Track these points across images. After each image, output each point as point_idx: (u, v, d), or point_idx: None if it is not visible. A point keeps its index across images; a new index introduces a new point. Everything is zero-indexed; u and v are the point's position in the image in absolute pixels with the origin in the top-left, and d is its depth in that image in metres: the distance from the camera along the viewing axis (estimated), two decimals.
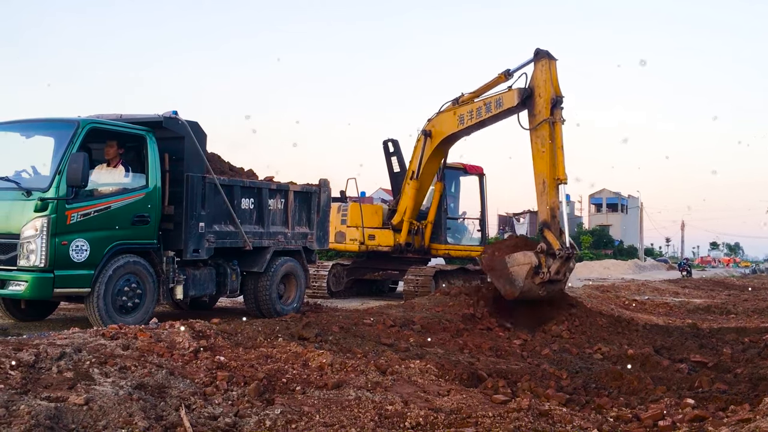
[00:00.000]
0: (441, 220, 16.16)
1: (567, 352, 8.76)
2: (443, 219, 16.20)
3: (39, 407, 4.13)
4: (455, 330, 9.46)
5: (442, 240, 16.22)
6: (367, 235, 15.98)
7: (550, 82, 11.40)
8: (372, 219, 16.22)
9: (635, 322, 11.75)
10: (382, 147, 16.52)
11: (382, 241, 15.92)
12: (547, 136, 11.26)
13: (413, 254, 16.17)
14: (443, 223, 16.19)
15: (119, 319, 8.41)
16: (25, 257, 8.09)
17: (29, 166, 8.84)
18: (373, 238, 15.94)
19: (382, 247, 15.92)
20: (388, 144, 16.43)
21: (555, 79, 11.45)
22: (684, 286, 26.26)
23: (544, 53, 11.58)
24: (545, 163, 11.25)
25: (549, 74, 11.44)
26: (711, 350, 9.26)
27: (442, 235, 16.19)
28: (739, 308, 16.86)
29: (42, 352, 5.19)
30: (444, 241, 16.26)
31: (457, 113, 13.43)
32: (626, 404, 5.99)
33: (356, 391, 5.42)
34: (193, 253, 9.65)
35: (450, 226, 16.54)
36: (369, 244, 15.97)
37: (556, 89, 11.41)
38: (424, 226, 15.99)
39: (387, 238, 15.89)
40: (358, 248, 16.04)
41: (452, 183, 16.95)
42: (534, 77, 11.66)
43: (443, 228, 16.18)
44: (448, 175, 16.40)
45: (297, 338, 7.35)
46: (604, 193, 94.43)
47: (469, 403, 5.41)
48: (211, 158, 10.70)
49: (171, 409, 4.67)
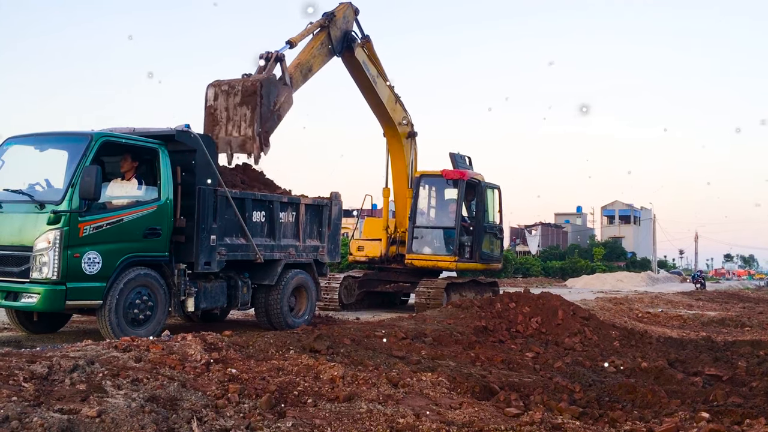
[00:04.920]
0: (410, 229, 15.81)
1: (580, 365, 8.70)
2: (410, 227, 15.81)
3: (52, 419, 4.14)
4: (467, 342, 9.42)
5: (408, 249, 15.76)
6: (356, 246, 16.18)
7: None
8: (379, 232, 16.40)
9: (649, 335, 11.67)
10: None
11: (369, 252, 16.00)
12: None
13: (396, 264, 16.11)
14: (410, 232, 15.80)
15: (131, 332, 8.42)
16: (38, 270, 8.13)
17: (42, 179, 8.92)
18: (362, 249, 16.04)
19: (369, 258, 16.17)
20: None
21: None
22: (698, 298, 26.10)
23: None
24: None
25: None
26: (726, 363, 9.16)
27: (409, 244, 15.77)
28: (754, 321, 16.71)
29: (55, 365, 5.21)
30: (409, 250, 15.74)
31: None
32: (640, 418, 5.93)
33: (368, 404, 5.40)
34: (205, 265, 9.67)
35: (418, 235, 15.85)
36: (357, 255, 16.13)
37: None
38: (401, 235, 15.98)
39: (374, 249, 15.98)
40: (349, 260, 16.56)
41: (432, 191, 16.63)
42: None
43: (410, 237, 15.81)
44: (425, 182, 16.24)
45: (308, 351, 7.33)
46: (616, 205, 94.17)
47: (482, 416, 5.38)
48: (244, 168, 11.09)
49: (183, 422, 4.67)
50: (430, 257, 15.81)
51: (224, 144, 10.75)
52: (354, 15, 13.69)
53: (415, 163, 16.26)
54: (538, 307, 11.40)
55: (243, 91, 10.77)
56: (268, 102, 10.84)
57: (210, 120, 10.91)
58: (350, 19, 13.59)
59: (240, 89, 10.80)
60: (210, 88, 11.02)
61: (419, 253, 15.75)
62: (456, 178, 15.82)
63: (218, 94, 10.92)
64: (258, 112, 10.64)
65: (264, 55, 11.37)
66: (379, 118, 15.32)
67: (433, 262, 15.85)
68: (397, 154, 15.80)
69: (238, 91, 10.80)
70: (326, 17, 12.82)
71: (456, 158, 16.36)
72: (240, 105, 10.74)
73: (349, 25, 13.51)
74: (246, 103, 10.70)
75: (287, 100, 11.36)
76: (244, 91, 10.77)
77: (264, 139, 10.73)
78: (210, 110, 10.93)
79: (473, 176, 16.08)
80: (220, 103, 10.86)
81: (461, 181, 15.77)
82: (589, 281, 43.76)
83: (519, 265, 51.04)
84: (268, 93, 10.87)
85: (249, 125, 10.61)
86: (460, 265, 15.79)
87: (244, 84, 10.83)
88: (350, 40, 13.47)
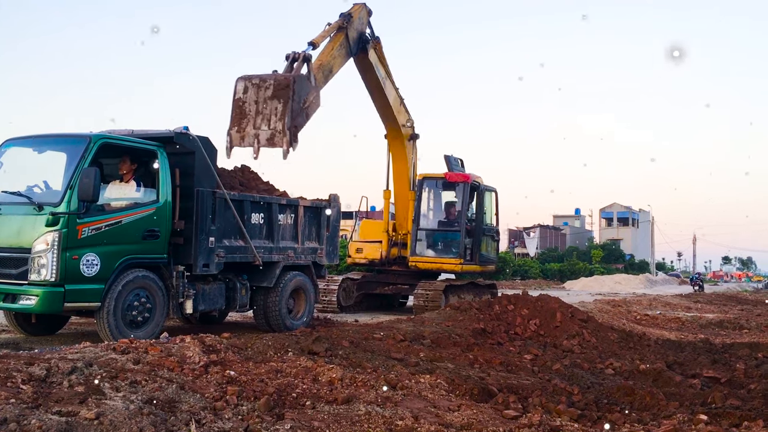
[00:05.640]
0: (414, 231, 15.88)
1: (578, 367, 8.70)
2: (414, 230, 15.90)
3: (50, 421, 4.14)
4: (466, 345, 9.42)
5: (412, 251, 15.85)
6: (355, 248, 16.12)
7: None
8: (378, 233, 16.37)
9: (647, 337, 11.68)
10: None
11: (368, 254, 15.98)
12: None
13: (398, 267, 16.12)
14: (413, 235, 15.89)
15: (129, 334, 8.41)
16: (36, 271, 8.12)
17: (41, 180, 8.91)
18: (361, 252, 16.02)
19: (368, 260, 16.15)
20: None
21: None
22: (696, 300, 26.07)
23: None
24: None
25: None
26: (724, 366, 9.17)
27: (412, 247, 15.86)
28: (752, 323, 16.70)
29: (53, 367, 5.20)
30: (413, 253, 15.84)
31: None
32: (638, 420, 5.94)
33: (366, 406, 5.40)
34: (203, 267, 9.67)
35: (422, 237, 16.01)
36: (356, 257, 16.07)
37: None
38: (403, 237, 15.97)
39: (374, 251, 15.94)
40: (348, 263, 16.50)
41: (433, 193, 16.70)
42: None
43: (414, 239, 15.90)
44: (428, 184, 16.32)
45: (307, 353, 7.33)
46: (614, 207, 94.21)
47: (480, 418, 5.38)
48: (243, 170, 11.02)
49: (181, 424, 4.67)
50: (435, 260, 15.92)
51: (252, 137, 10.55)
52: (368, 16, 13.64)
53: (415, 166, 16.28)
54: (537, 309, 11.40)
55: (275, 85, 10.60)
56: (299, 98, 10.69)
57: (238, 113, 10.70)
58: (365, 20, 13.52)
59: (272, 83, 10.63)
60: (239, 81, 10.82)
61: (423, 255, 15.87)
62: (460, 181, 15.93)
63: (248, 87, 10.72)
64: (290, 106, 10.46)
65: (290, 56, 11.23)
66: (383, 119, 15.30)
67: (438, 265, 15.99)
68: (399, 156, 15.76)
69: (270, 84, 10.63)
70: (344, 18, 12.71)
71: (450, 160, 16.42)
72: (271, 98, 10.56)
73: (363, 27, 13.44)
74: (277, 97, 10.53)
75: (315, 99, 11.22)
76: (276, 84, 10.61)
77: (293, 134, 10.54)
78: (238, 103, 10.73)
79: (475, 179, 16.16)
80: (250, 96, 10.67)
81: (465, 184, 15.85)
82: (587, 283, 43.79)
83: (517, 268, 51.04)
84: (300, 89, 10.72)
85: (279, 119, 10.44)
86: (465, 267, 15.90)
87: (277, 78, 10.70)
88: (365, 42, 13.41)
